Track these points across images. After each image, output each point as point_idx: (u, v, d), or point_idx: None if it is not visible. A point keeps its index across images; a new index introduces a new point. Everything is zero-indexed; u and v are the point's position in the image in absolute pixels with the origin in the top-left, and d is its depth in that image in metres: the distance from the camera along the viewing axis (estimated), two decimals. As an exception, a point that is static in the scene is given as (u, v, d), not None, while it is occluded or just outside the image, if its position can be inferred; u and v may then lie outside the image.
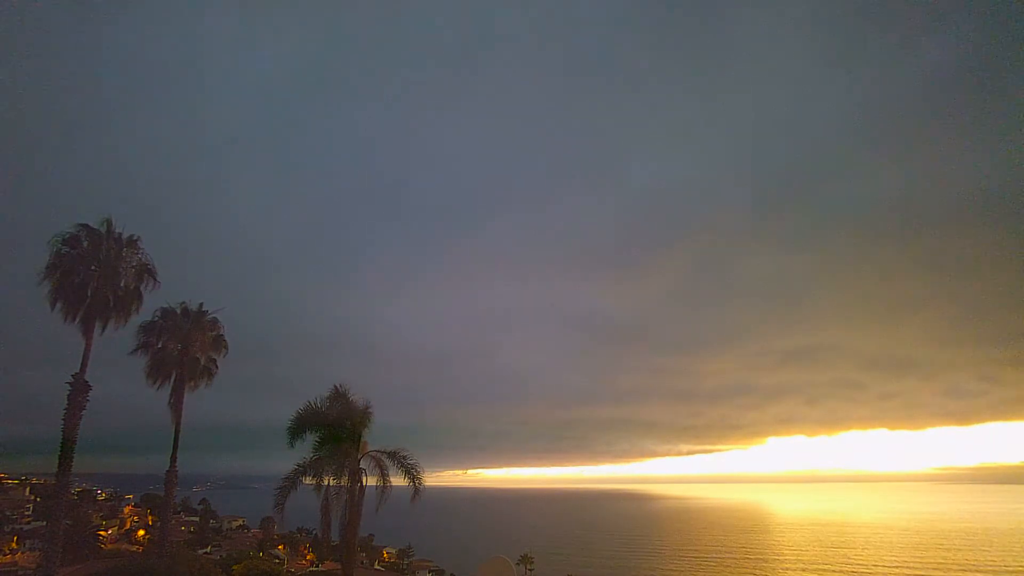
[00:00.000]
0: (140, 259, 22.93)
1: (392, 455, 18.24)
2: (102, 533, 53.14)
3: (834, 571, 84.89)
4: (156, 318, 26.27)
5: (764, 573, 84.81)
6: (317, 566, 58.50)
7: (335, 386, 18.39)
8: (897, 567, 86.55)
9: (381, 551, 74.47)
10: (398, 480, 18.43)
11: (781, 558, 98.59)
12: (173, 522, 44.65)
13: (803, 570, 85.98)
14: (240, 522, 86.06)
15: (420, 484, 17.97)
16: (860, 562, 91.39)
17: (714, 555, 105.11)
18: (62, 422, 20.53)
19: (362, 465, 18.15)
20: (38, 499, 65.36)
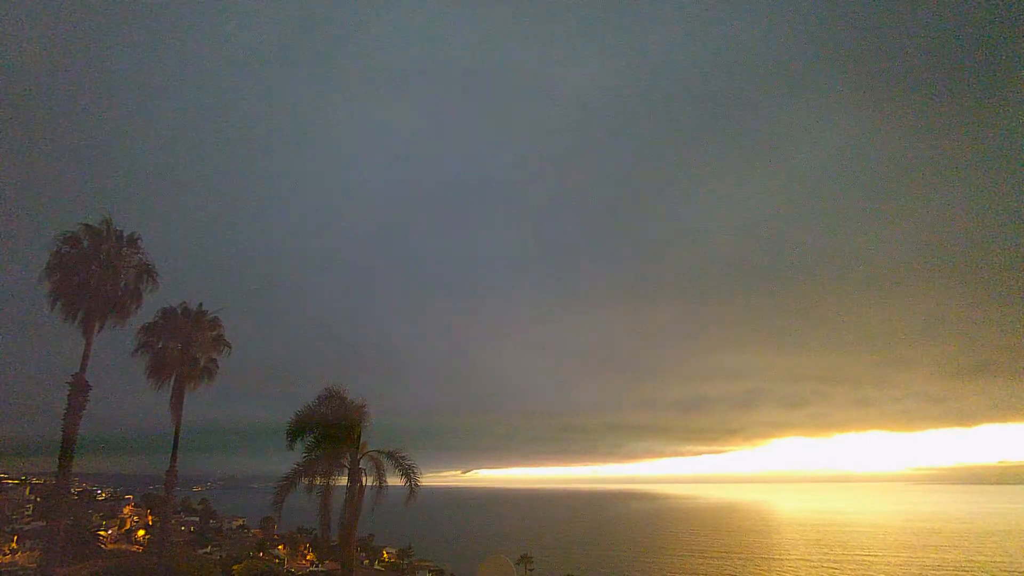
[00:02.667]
0: (140, 258, 23.01)
1: (390, 455, 18.28)
2: (102, 533, 53.23)
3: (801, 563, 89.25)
4: (157, 318, 26.34)
5: (761, 570, 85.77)
6: (317, 566, 58.57)
7: (328, 387, 18.46)
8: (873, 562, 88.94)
9: (381, 551, 74.50)
10: (397, 480, 18.51)
11: (770, 554, 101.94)
12: (173, 522, 44.71)
13: (781, 564, 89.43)
14: (240, 522, 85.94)
15: (416, 485, 18.05)
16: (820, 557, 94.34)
17: (710, 552, 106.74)
18: (62, 422, 20.59)
19: (361, 465, 18.21)
20: (38, 499, 65.30)
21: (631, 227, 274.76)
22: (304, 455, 17.81)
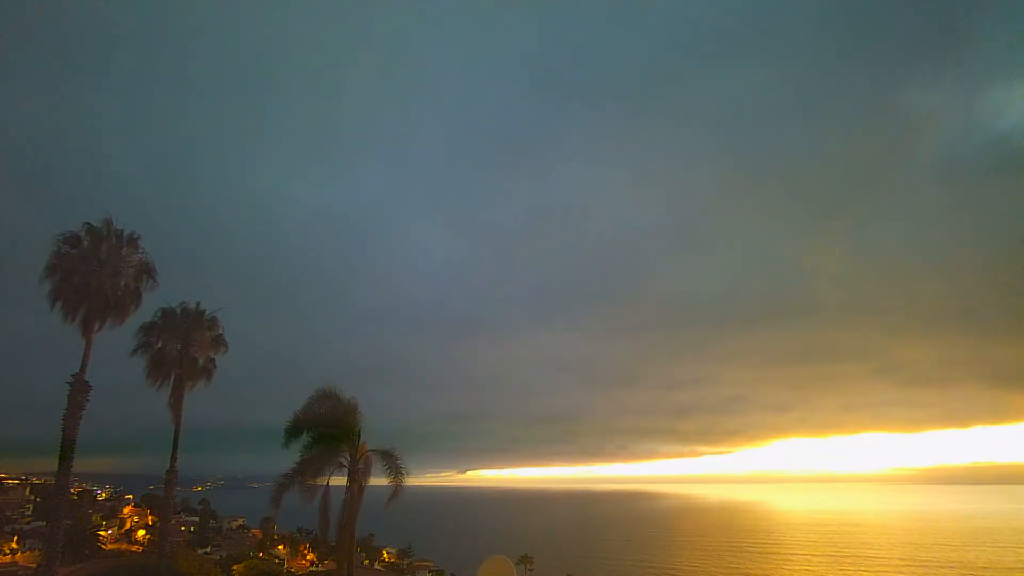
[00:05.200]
0: (140, 258, 22.98)
1: (384, 453, 18.34)
2: (102, 533, 53.18)
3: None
4: (156, 318, 26.33)
5: (757, 568, 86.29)
6: (317, 566, 58.58)
7: (323, 387, 18.49)
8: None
9: (381, 551, 74.48)
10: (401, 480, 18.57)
11: (761, 551, 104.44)
12: (173, 522, 44.64)
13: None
14: (240, 522, 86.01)
15: (402, 484, 18.19)
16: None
17: (705, 548, 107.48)
18: (62, 422, 20.59)
19: (361, 465, 18.23)
20: (38, 499, 65.36)
21: (617, 281, 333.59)
22: (307, 453, 17.85)
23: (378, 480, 18.46)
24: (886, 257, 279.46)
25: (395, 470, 18.08)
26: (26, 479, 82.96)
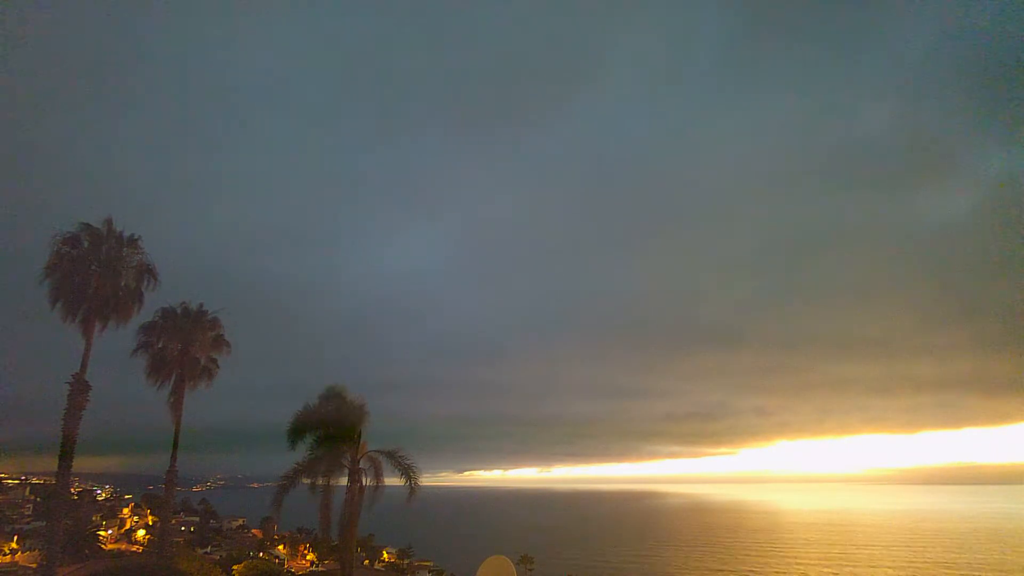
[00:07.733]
0: (141, 258, 22.94)
1: (389, 455, 18.24)
2: (102, 533, 53.21)
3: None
4: (157, 318, 26.27)
5: (753, 566, 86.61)
6: (317, 566, 58.55)
7: (329, 386, 18.40)
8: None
9: (381, 551, 74.41)
10: (397, 480, 18.46)
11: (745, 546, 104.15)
12: (173, 522, 44.63)
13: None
14: (240, 522, 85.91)
15: (416, 484, 18.02)
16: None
17: (701, 546, 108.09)
18: (62, 422, 20.57)
19: (361, 465, 18.18)
20: (38, 499, 65.34)
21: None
22: (309, 454, 17.78)
23: (392, 480, 18.32)
24: (810, 299, 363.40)
25: (405, 470, 17.94)
26: (26, 479, 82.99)
